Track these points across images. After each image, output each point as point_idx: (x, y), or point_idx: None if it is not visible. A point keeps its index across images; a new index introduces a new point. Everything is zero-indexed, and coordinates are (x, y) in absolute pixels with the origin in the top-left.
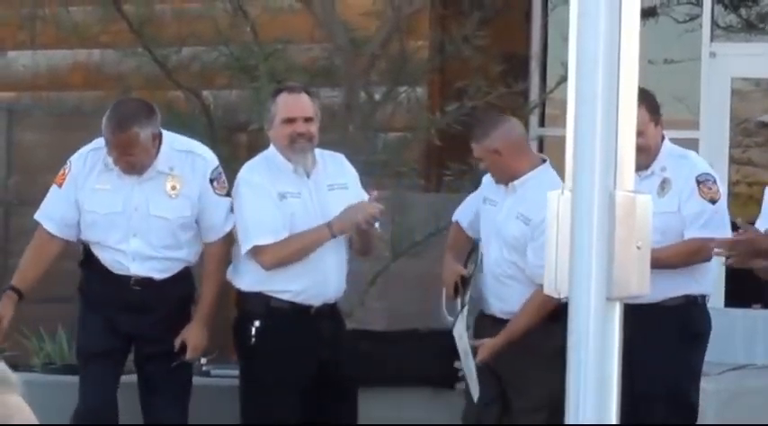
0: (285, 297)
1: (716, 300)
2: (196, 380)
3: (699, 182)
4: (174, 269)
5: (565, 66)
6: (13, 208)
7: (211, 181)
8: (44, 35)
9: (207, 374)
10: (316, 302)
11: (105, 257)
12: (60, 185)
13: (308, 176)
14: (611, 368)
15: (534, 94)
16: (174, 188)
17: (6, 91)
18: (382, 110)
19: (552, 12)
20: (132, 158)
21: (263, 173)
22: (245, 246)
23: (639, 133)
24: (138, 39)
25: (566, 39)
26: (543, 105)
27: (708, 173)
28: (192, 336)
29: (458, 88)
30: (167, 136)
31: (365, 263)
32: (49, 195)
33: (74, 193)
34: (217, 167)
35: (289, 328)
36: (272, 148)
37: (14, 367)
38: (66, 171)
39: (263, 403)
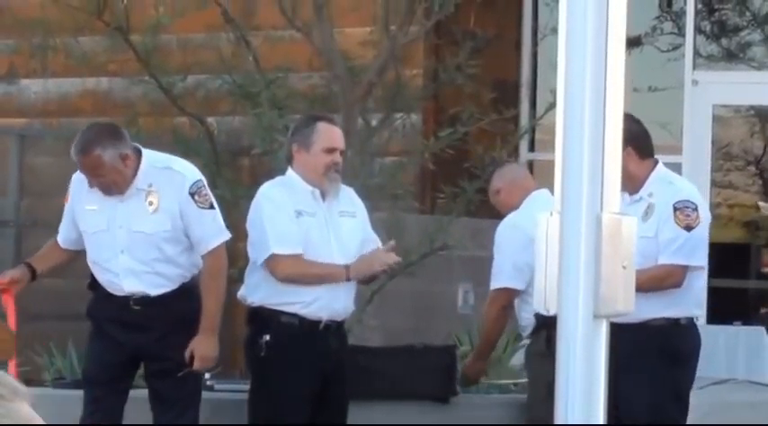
0: (295, 309)
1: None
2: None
3: (676, 209)
4: (170, 285)
5: (553, 93)
6: (25, 230)
7: (192, 194)
8: (55, 64)
9: (211, 388)
10: (324, 315)
11: (101, 278)
12: (67, 201)
13: (323, 200)
14: (597, 382)
15: (524, 120)
16: (151, 203)
17: (18, 117)
18: (379, 135)
19: (541, 41)
20: (102, 179)
21: (283, 190)
22: (262, 255)
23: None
24: (145, 67)
25: (554, 67)
26: (533, 131)
27: (688, 200)
28: (199, 347)
29: (451, 114)
30: (148, 154)
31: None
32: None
33: (72, 212)
34: (197, 181)
35: (298, 342)
36: (290, 172)
37: (26, 382)
38: (69, 192)
39: (272, 416)
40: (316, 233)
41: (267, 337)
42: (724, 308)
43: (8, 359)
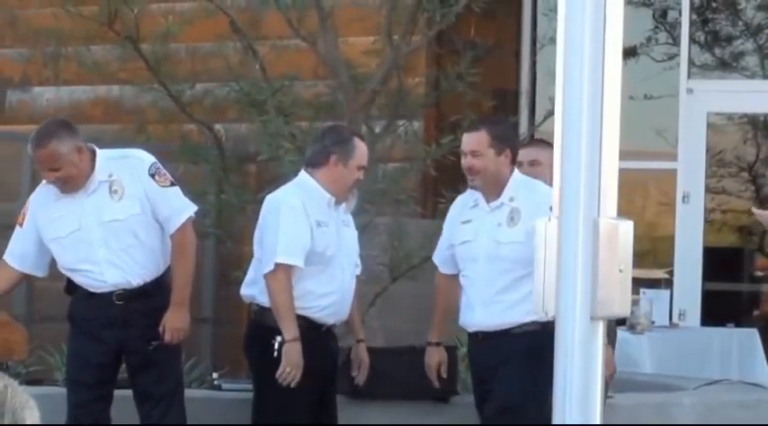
0: (306, 312)
1: (692, 319)
2: (208, 393)
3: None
4: (148, 274)
5: (552, 101)
6: None
7: (152, 175)
8: (67, 72)
9: (218, 388)
10: (332, 320)
11: (81, 280)
12: (21, 224)
13: (335, 209)
14: (594, 381)
15: (524, 127)
16: (116, 191)
17: (31, 123)
18: (382, 142)
19: (540, 51)
20: (59, 174)
21: (304, 199)
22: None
23: (475, 153)
24: (155, 75)
25: (553, 76)
26: (532, 138)
27: None
28: (170, 319)
29: (452, 122)
30: (101, 151)
31: (366, 285)
32: (13, 235)
33: (34, 228)
34: (153, 163)
35: (307, 344)
36: (306, 177)
37: (38, 381)
38: (26, 210)
39: (281, 417)
40: (330, 243)
41: (280, 338)
42: (718, 311)
43: (21, 358)
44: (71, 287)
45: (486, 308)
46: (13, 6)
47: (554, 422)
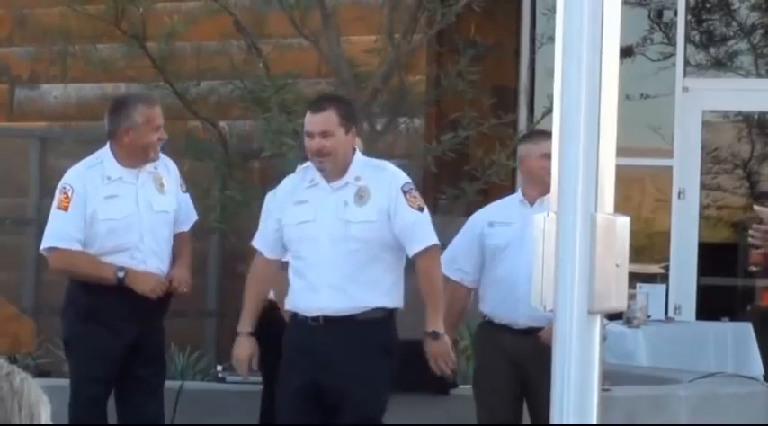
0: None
1: (688, 313)
2: (212, 386)
3: (404, 192)
4: (167, 268)
5: (550, 99)
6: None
7: (179, 178)
8: (74, 69)
9: (222, 380)
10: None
11: (124, 261)
12: (66, 208)
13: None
14: (592, 373)
15: (522, 125)
16: (161, 185)
17: (39, 120)
18: (383, 139)
19: (539, 49)
20: (161, 134)
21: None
22: None
23: (326, 133)
24: (160, 73)
25: (551, 74)
26: (532, 132)
27: (409, 182)
28: (176, 272)
29: (452, 119)
30: None
31: None
32: (54, 221)
33: (83, 211)
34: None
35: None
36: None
37: (47, 373)
38: (70, 193)
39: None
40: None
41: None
42: (712, 305)
43: (29, 351)
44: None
45: (334, 291)
46: (22, 5)
47: (552, 409)
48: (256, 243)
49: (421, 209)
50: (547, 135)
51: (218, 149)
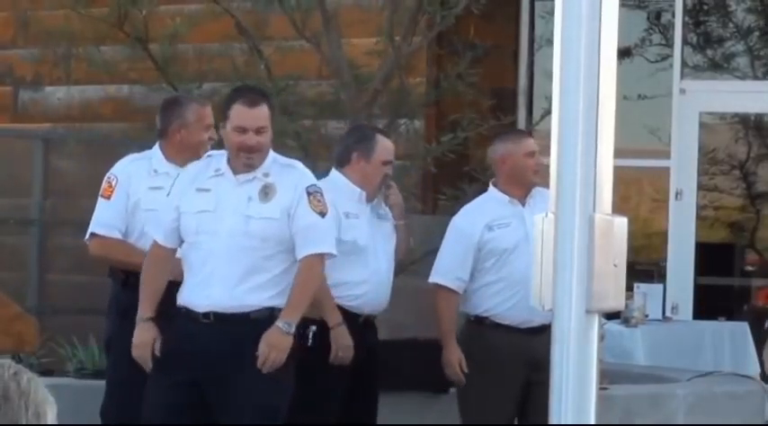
0: (343, 302)
1: (685, 313)
2: None
3: (309, 193)
4: None
5: (549, 100)
6: (49, 228)
7: None
8: (77, 71)
9: None
10: (367, 310)
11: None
12: (109, 197)
13: (367, 202)
14: (590, 373)
15: (521, 126)
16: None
17: (43, 121)
18: None
19: (538, 51)
20: (212, 133)
21: (331, 193)
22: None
23: (261, 130)
24: (163, 75)
25: (550, 76)
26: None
27: (316, 185)
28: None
29: (452, 120)
30: None
31: None
32: (97, 209)
33: (125, 200)
34: None
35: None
36: (336, 174)
37: (50, 372)
38: (113, 183)
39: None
40: (361, 234)
41: (314, 328)
42: (710, 304)
43: (31, 351)
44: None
45: (227, 288)
46: (26, 8)
47: (551, 405)
48: (152, 230)
49: (322, 215)
50: (525, 133)
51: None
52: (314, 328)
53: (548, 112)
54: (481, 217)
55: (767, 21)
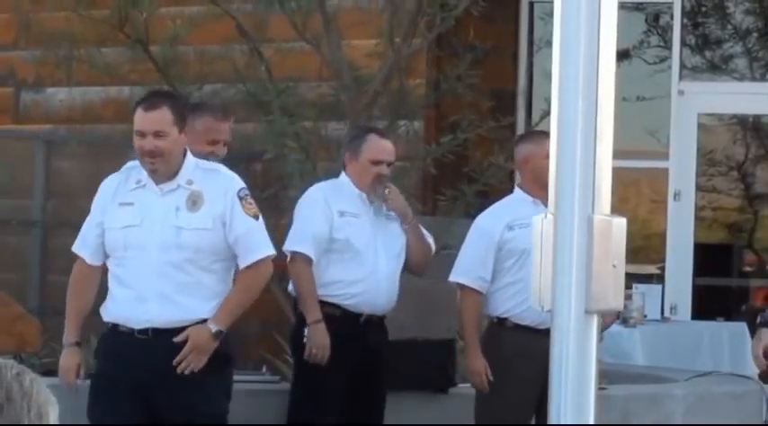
0: (337, 300)
1: (683, 313)
2: None
3: (240, 198)
4: None
5: (548, 101)
6: (50, 229)
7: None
8: (79, 73)
9: None
10: (366, 310)
11: None
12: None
13: (371, 203)
14: (589, 373)
15: (521, 127)
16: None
17: (45, 123)
18: None
19: (537, 53)
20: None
21: (329, 192)
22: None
23: (159, 133)
24: (164, 77)
25: (549, 77)
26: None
27: (245, 188)
28: None
29: (451, 122)
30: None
31: None
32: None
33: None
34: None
35: (336, 334)
36: (343, 175)
37: (51, 372)
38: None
39: (306, 404)
40: (357, 233)
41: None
42: (708, 305)
43: (33, 351)
44: None
45: (163, 302)
46: (27, 9)
47: (550, 405)
48: (77, 247)
49: (256, 217)
50: (547, 134)
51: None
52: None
53: (547, 114)
54: (503, 216)
55: (765, 22)
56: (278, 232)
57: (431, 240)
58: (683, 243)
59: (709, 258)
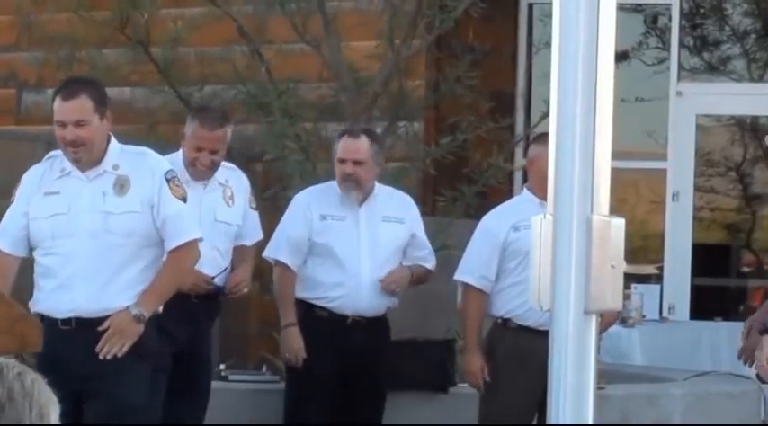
0: (323, 303)
1: (682, 313)
2: (215, 384)
3: (168, 180)
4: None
5: (547, 103)
6: None
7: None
8: (80, 74)
9: (225, 379)
10: (350, 312)
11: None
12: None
13: (360, 205)
14: (588, 373)
15: (519, 129)
16: (231, 197)
17: (46, 124)
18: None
19: (536, 54)
20: (216, 157)
21: (314, 195)
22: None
23: (80, 123)
24: (165, 78)
25: (548, 79)
26: (528, 138)
27: (173, 169)
28: (240, 273)
29: (451, 123)
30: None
31: None
32: None
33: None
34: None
35: (322, 334)
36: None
37: None
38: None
39: (296, 403)
40: (340, 236)
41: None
42: (706, 305)
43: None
44: None
45: (90, 291)
46: (29, 11)
47: (549, 405)
48: None
49: (184, 200)
50: None
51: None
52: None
53: (546, 115)
54: (509, 217)
55: (763, 24)
56: None
57: (430, 265)
58: (681, 243)
59: (707, 258)
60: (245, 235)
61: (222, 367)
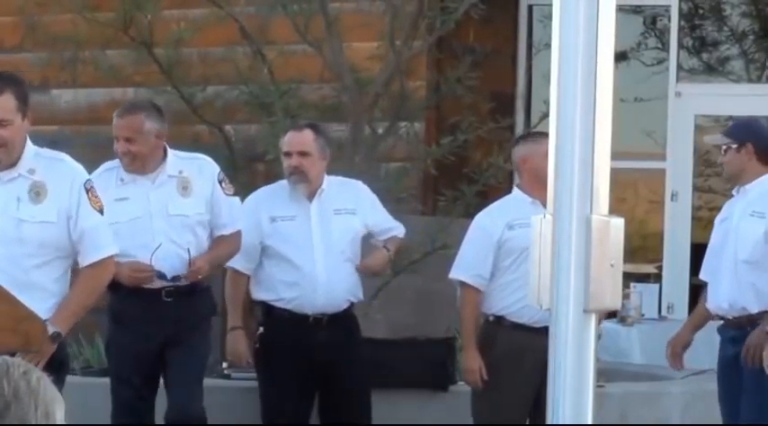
0: (281, 304)
1: (680, 312)
2: (218, 382)
3: (87, 190)
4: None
5: (547, 103)
6: None
7: (220, 182)
8: (84, 75)
9: (227, 377)
10: (309, 311)
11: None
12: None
13: (310, 201)
14: (587, 372)
15: (520, 129)
16: (185, 188)
17: (50, 124)
18: (384, 142)
19: (536, 55)
20: (133, 147)
21: (263, 197)
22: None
23: (3, 123)
24: (168, 79)
25: (548, 80)
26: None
27: (90, 179)
28: (198, 261)
29: (451, 123)
30: (171, 150)
31: (368, 279)
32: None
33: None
34: (220, 171)
35: (285, 335)
36: None
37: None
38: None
39: (268, 405)
40: (291, 236)
41: (261, 329)
42: None
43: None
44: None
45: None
46: (33, 12)
47: (549, 403)
48: None
49: (101, 212)
50: (545, 135)
51: (224, 152)
52: (261, 329)
53: (546, 115)
54: (503, 216)
55: (761, 25)
56: None
57: (399, 232)
58: (680, 242)
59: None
60: (221, 225)
61: (224, 365)
